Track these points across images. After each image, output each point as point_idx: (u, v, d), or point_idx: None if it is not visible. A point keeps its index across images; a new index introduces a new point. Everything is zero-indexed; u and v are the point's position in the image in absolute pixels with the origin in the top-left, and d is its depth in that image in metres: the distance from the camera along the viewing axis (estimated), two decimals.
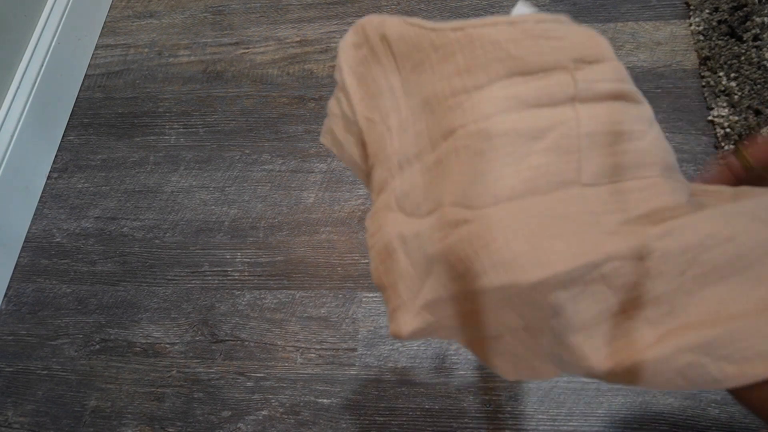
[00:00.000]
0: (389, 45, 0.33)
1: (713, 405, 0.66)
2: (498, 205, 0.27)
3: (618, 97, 0.30)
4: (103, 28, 1.05)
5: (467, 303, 0.29)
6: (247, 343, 0.76)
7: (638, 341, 0.26)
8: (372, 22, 0.34)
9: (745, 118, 0.78)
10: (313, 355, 0.75)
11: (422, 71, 0.32)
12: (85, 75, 1.01)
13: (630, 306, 0.26)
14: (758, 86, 0.80)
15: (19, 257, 0.87)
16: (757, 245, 0.26)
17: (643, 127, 0.29)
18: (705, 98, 0.82)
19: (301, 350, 0.75)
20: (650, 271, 0.26)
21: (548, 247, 0.26)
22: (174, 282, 0.82)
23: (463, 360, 0.72)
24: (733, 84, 0.81)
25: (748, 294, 0.25)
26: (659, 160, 0.29)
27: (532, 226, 0.27)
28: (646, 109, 0.30)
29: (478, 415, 0.69)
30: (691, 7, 0.89)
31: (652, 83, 0.85)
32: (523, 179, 0.28)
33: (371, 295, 0.77)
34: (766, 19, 0.84)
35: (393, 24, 0.33)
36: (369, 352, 0.74)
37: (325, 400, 0.72)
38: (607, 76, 0.30)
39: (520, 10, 0.36)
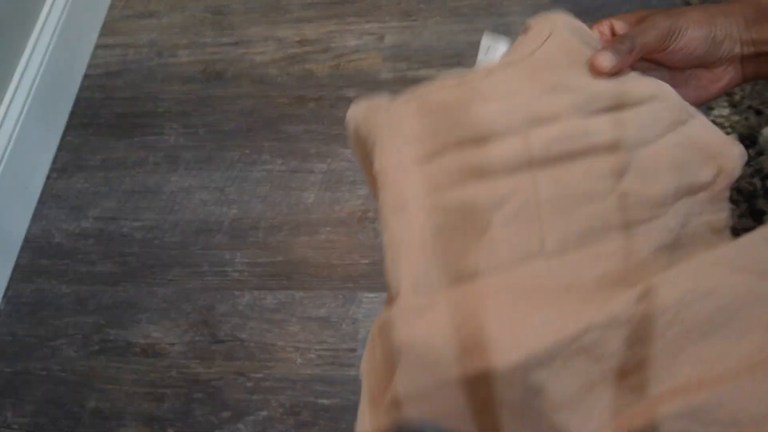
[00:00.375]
0: (358, 135, 0.33)
1: None
2: (462, 286, 0.26)
3: (578, 153, 0.29)
4: (102, 27, 1.05)
5: (441, 393, 0.26)
6: (247, 343, 0.76)
7: (625, 411, 0.25)
8: (347, 121, 0.34)
9: (746, 118, 0.78)
10: (312, 355, 0.75)
11: (371, 148, 0.32)
12: (85, 75, 1.01)
13: (613, 374, 0.25)
14: (759, 86, 0.80)
15: (19, 257, 0.87)
16: (737, 297, 0.25)
17: (605, 184, 0.28)
18: None
19: (300, 351, 0.75)
20: (630, 336, 0.25)
21: (523, 324, 0.25)
22: (174, 282, 0.82)
23: None
24: None
25: (732, 350, 0.24)
26: (621, 221, 0.28)
27: (502, 304, 0.26)
28: (614, 159, 0.29)
29: None
30: None
31: None
32: (484, 256, 0.27)
33: (371, 295, 0.77)
34: None
35: (357, 113, 0.33)
36: None
37: (325, 401, 0.72)
38: (565, 133, 0.29)
39: (486, 42, 0.37)
